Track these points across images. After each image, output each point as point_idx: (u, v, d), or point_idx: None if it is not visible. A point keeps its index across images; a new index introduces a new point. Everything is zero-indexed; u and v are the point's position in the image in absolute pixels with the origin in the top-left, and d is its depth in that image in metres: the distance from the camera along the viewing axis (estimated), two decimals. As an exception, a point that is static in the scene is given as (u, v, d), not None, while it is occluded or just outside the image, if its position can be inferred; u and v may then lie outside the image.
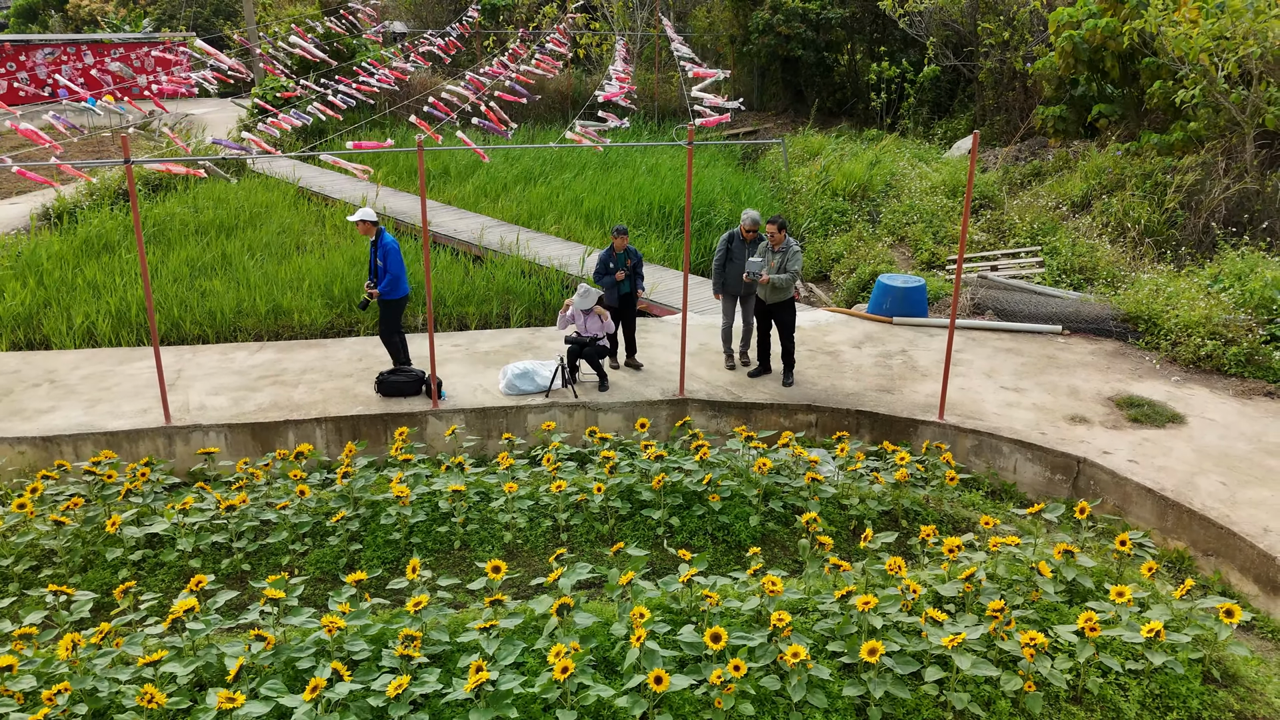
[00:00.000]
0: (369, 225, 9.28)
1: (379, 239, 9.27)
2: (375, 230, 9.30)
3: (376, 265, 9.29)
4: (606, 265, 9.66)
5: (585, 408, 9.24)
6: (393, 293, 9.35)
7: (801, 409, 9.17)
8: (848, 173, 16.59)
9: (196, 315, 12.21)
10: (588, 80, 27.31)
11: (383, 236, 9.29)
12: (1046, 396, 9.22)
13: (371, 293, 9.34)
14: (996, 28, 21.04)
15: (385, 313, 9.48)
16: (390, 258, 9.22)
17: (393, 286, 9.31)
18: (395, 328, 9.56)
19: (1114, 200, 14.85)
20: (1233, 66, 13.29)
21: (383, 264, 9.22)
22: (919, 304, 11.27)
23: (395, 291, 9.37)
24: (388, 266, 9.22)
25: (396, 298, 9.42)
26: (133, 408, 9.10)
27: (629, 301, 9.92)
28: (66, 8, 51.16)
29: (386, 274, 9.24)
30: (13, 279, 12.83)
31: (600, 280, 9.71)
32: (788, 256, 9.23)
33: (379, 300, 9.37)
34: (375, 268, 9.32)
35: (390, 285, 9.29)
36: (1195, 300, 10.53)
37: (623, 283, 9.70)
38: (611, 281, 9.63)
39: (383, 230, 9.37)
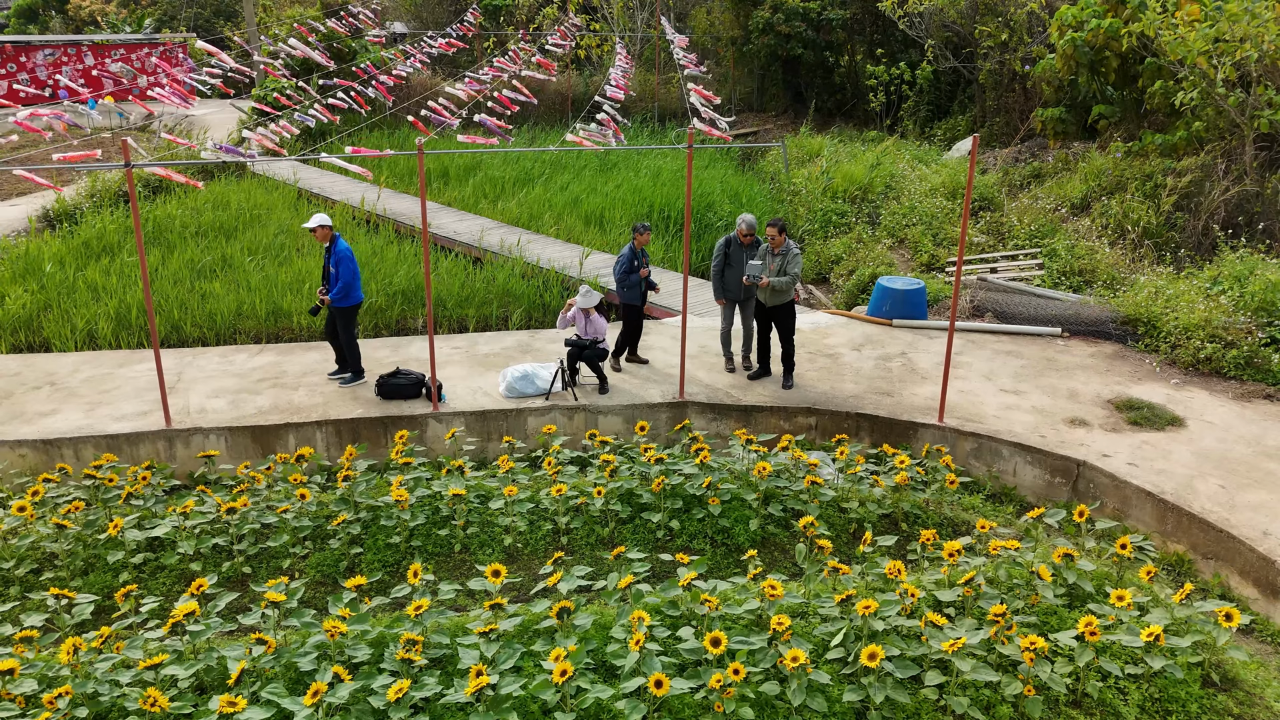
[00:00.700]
0: (325, 230, 9.20)
1: (333, 245, 9.22)
2: (330, 236, 9.24)
3: (330, 271, 9.24)
4: (631, 263, 9.62)
5: (585, 410, 9.25)
6: (345, 299, 9.30)
7: (801, 411, 9.18)
8: (847, 175, 16.60)
9: (197, 317, 12.23)
10: (588, 82, 27.31)
11: (337, 243, 9.25)
12: (1046, 399, 9.23)
13: (323, 299, 9.27)
14: (995, 29, 21.06)
15: (341, 319, 9.41)
16: (344, 264, 9.18)
17: (345, 293, 9.27)
18: (350, 333, 9.53)
19: (1113, 202, 14.87)
20: (1229, 70, 13.31)
21: (335, 270, 9.17)
22: (919, 306, 11.29)
23: (348, 299, 9.33)
24: (340, 273, 9.18)
25: (349, 304, 9.38)
26: (133, 410, 9.11)
27: (644, 299, 9.94)
28: (67, 8, 51.17)
29: (339, 281, 9.20)
30: (13, 282, 12.84)
31: (628, 279, 9.65)
32: (787, 259, 9.24)
33: (331, 306, 9.32)
34: (329, 273, 9.26)
35: (343, 292, 9.25)
36: (1194, 303, 10.54)
37: (644, 280, 9.70)
38: (637, 279, 9.60)
39: (337, 236, 9.31)
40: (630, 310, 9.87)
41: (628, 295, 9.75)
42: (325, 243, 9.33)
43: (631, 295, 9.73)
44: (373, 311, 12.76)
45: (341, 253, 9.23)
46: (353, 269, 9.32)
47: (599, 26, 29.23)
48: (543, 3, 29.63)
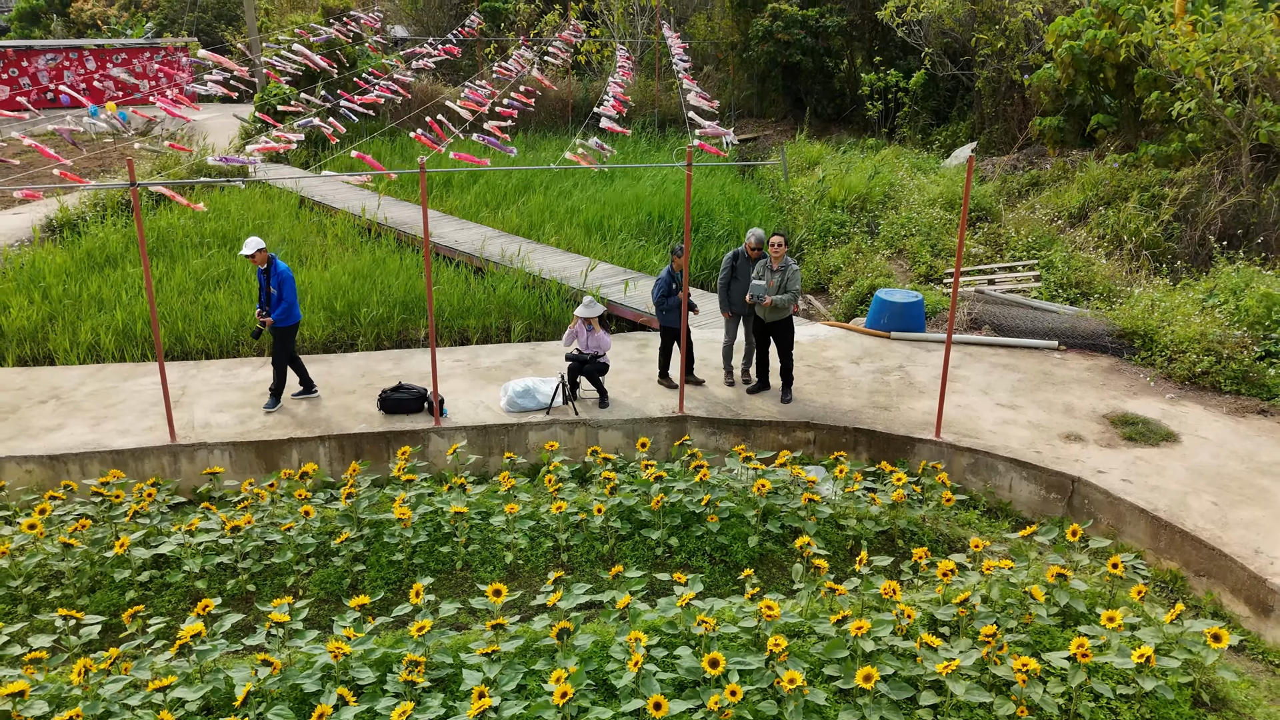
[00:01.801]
0: (263, 254, 9.22)
1: (272, 266, 9.26)
2: (268, 258, 9.28)
3: (270, 293, 9.25)
4: (669, 286, 9.58)
5: (586, 425, 9.34)
6: (286, 320, 9.36)
7: (800, 426, 9.27)
8: (846, 184, 16.69)
9: (200, 329, 12.31)
10: (588, 88, 27.40)
11: (276, 264, 9.29)
12: (1042, 414, 9.32)
13: (265, 321, 9.30)
14: (991, 37, 21.14)
15: (279, 339, 9.45)
16: (285, 286, 9.25)
17: (286, 314, 9.33)
18: (290, 353, 9.58)
19: (1111, 212, 14.95)
20: (1228, 80, 13.40)
21: (277, 292, 9.22)
22: (917, 319, 11.37)
23: (289, 319, 9.38)
24: (283, 294, 9.24)
25: (290, 324, 9.44)
26: (139, 425, 9.20)
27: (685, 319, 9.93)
28: (69, 11, 51.29)
29: (282, 302, 9.25)
30: (17, 293, 12.92)
31: (666, 301, 9.62)
32: (787, 276, 9.33)
33: (273, 328, 9.35)
34: (269, 295, 9.27)
35: (284, 313, 9.30)
36: (1190, 316, 10.63)
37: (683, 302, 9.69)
38: (676, 302, 9.56)
39: (274, 257, 9.34)
40: (668, 333, 9.85)
41: (666, 318, 9.71)
42: (262, 265, 9.28)
43: (670, 318, 9.68)
44: (375, 322, 12.84)
45: (283, 274, 9.28)
46: (294, 289, 9.40)
47: (599, 32, 29.31)
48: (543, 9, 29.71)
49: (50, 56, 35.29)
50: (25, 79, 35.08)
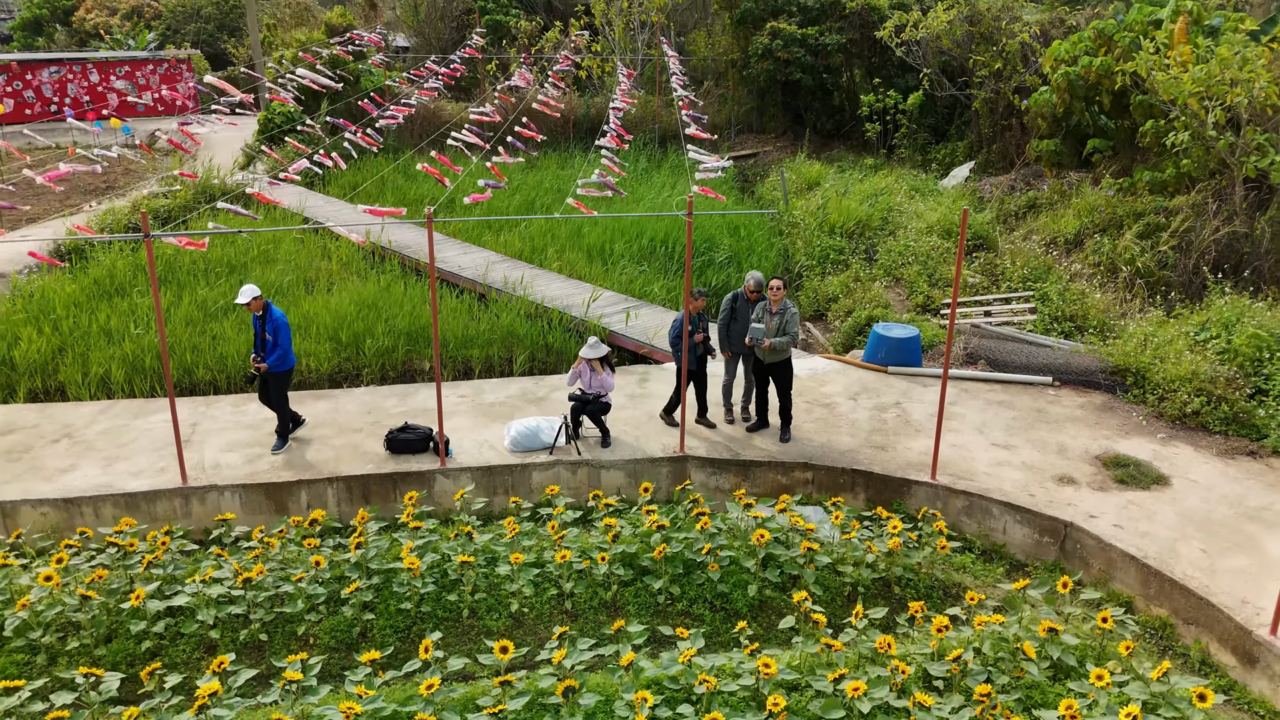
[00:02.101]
0: (258, 301, 9.33)
1: (268, 313, 9.40)
2: (263, 304, 9.41)
3: (265, 339, 9.38)
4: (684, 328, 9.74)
5: (589, 465, 9.52)
6: (281, 365, 9.50)
7: (799, 466, 9.45)
8: (845, 210, 16.87)
9: (208, 360, 12.50)
10: (589, 104, 27.57)
11: (271, 311, 9.42)
12: (1036, 454, 9.50)
13: (260, 367, 9.41)
14: (989, 59, 21.33)
15: (276, 384, 9.58)
16: (280, 332, 9.41)
17: (282, 359, 9.47)
18: (285, 397, 9.71)
19: (1106, 239, 15.13)
20: (1220, 115, 13.58)
21: (273, 338, 9.36)
22: (913, 354, 11.56)
23: (284, 364, 9.52)
24: (278, 340, 9.39)
25: (285, 369, 9.58)
26: (150, 466, 9.39)
27: (703, 362, 10.07)
28: (72, 20, 51.50)
29: (277, 348, 9.39)
30: (28, 324, 13.11)
31: (677, 347, 9.75)
32: (785, 318, 9.51)
33: (268, 373, 9.47)
34: (264, 341, 9.39)
35: (280, 358, 9.45)
36: (1182, 353, 10.81)
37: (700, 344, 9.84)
38: (692, 344, 9.74)
39: (269, 304, 9.46)
40: (691, 373, 9.98)
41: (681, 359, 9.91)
42: (258, 312, 9.40)
43: (689, 359, 9.82)
44: (380, 353, 13.02)
45: (278, 320, 9.44)
46: (289, 335, 9.56)
47: (600, 47, 29.48)
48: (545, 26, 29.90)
49: (54, 69, 35.49)
50: (29, 91, 35.28)
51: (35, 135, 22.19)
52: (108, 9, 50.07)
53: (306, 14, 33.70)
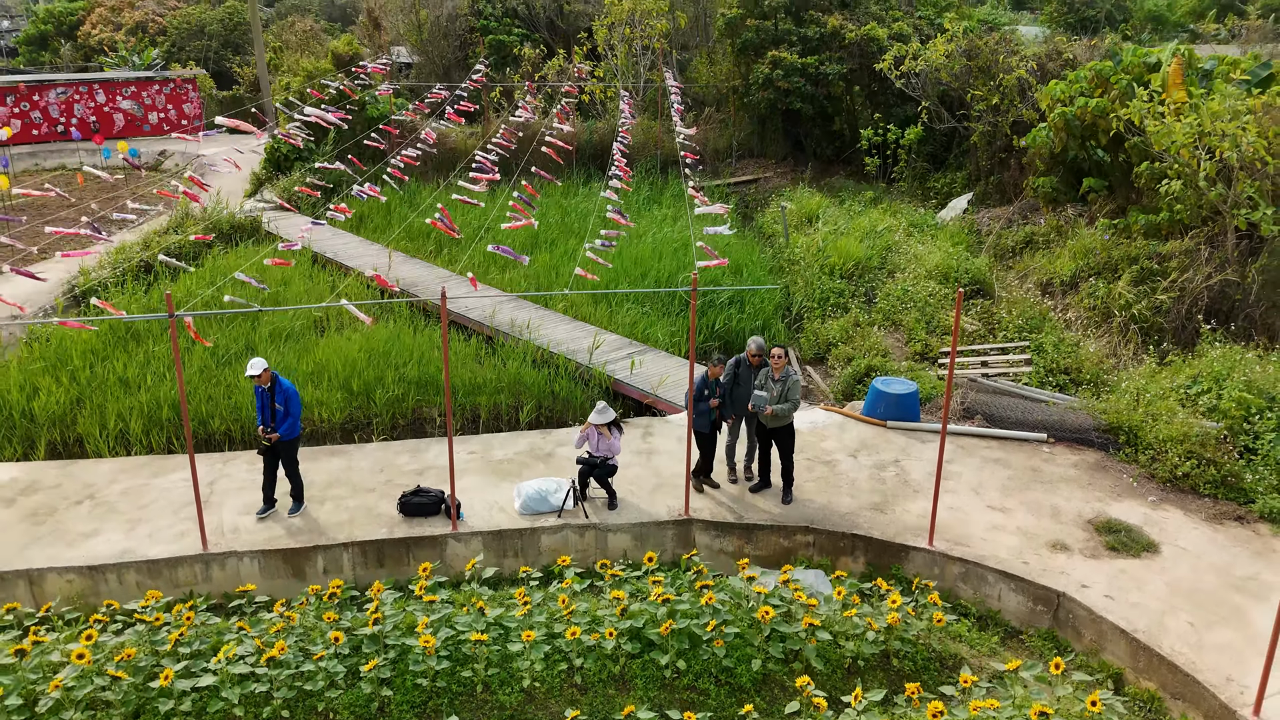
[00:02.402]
0: (266, 374, 9.54)
1: (276, 384, 9.62)
2: (271, 376, 9.62)
3: (275, 409, 9.60)
4: (701, 392, 10.00)
5: (596, 529, 9.81)
6: (292, 433, 9.76)
7: (800, 530, 9.74)
8: (844, 250, 17.16)
9: (223, 411, 12.80)
10: (592, 130, 27.85)
11: (279, 382, 9.65)
12: (1030, 518, 9.79)
13: (271, 437, 9.63)
14: (987, 93, 21.63)
15: (287, 451, 9.82)
16: (292, 401, 9.68)
17: (292, 427, 9.73)
18: (296, 464, 9.97)
19: (1101, 283, 15.41)
20: (1211, 168, 13.87)
21: (283, 408, 9.61)
22: (912, 409, 11.85)
23: (294, 431, 9.79)
24: (289, 410, 9.65)
25: (295, 437, 9.85)
26: (171, 530, 9.68)
27: (717, 426, 10.32)
28: (77, 35, 51.82)
29: (288, 418, 9.65)
30: (45, 374, 13.40)
31: (699, 407, 10.00)
32: (788, 386, 9.80)
33: (279, 442, 9.70)
34: (273, 412, 9.60)
35: (290, 427, 9.71)
36: (1174, 412, 11.10)
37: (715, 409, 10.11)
38: (707, 408, 10.02)
39: (277, 375, 9.69)
40: (700, 436, 10.26)
41: (698, 422, 10.11)
42: (266, 385, 9.61)
43: (701, 423, 10.11)
44: (389, 402, 13.32)
45: (288, 390, 9.69)
46: (299, 403, 9.84)
47: (601, 73, 29.77)
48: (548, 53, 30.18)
49: (61, 90, 35.79)
50: (36, 112, 35.58)
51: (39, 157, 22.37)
52: (112, 24, 50.39)
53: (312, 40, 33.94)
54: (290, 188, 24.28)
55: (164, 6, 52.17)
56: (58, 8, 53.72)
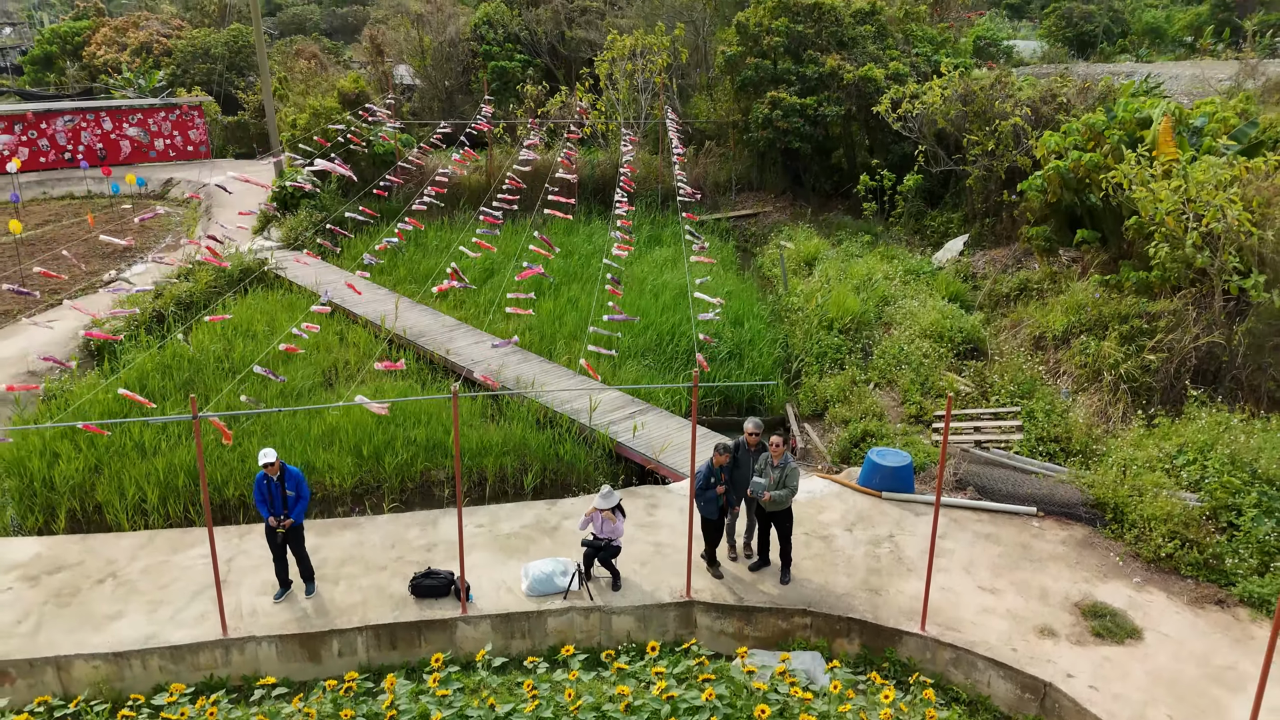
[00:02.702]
0: (275, 465, 9.88)
1: (285, 473, 10.01)
2: (280, 466, 9.97)
3: (286, 496, 9.99)
4: (708, 480, 10.32)
5: (600, 611, 10.18)
6: (301, 516, 10.18)
7: (798, 612, 10.11)
8: (841, 303, 17.53)
9: (238, 477, 13.18)
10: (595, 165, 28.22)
11: (287, 470, 10.05)
12: (1019, 600, 10.16)
13: (286, 523, 10.01)
14: (982, 138, 22.01)
15: (296, 535, 10.19)
16: (302, 484, 10.13)
17: (302, 509, 10.16)
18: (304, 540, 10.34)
19: (1092, 340, 15.77)
20: (1196, 237, 14.23)
21: (295, 493, 10.03)
22: (906, 481, 12.22)
23: (303, 514, 10.23)
24: (300, 493, 10.09)
25: (303, 519, 10.29)
26: (191, 612, 10.05)
27: (724, 513, 10.63)
28: (82, 54, 52.25)
29: (300, 500, 10.08)
30: (63, 439, 13.78)
31: (705, 494, 10.34)
32: (786, 473, 10.17)
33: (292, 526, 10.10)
34: (284, 499, 9.98)
35: (302, 510, 10.13)
36: (1159, 486, 11.47)
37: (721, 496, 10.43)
38: (714, 495, 10.35)
39: (283, 463, 10.04)
40: (706, 522, 10.59)
41: (705, 509, 10.43)
42: (275, 475, 9.97)
43: (708, 509, 10.44)
44: (398, 466, 13.70)
45: (297, 475, 10.13)
46: (307, 483, 10.28)
47: (603, 106, 30.14)
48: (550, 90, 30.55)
49: (68, 118, 36.20)
50: (44, 140, 35.99)
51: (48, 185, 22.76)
52: (117, 44, 50.80)
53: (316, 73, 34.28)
54: (297, 228, 24.69)
55: (169, 27, 52.61)
56: (63, 28, 54.18)
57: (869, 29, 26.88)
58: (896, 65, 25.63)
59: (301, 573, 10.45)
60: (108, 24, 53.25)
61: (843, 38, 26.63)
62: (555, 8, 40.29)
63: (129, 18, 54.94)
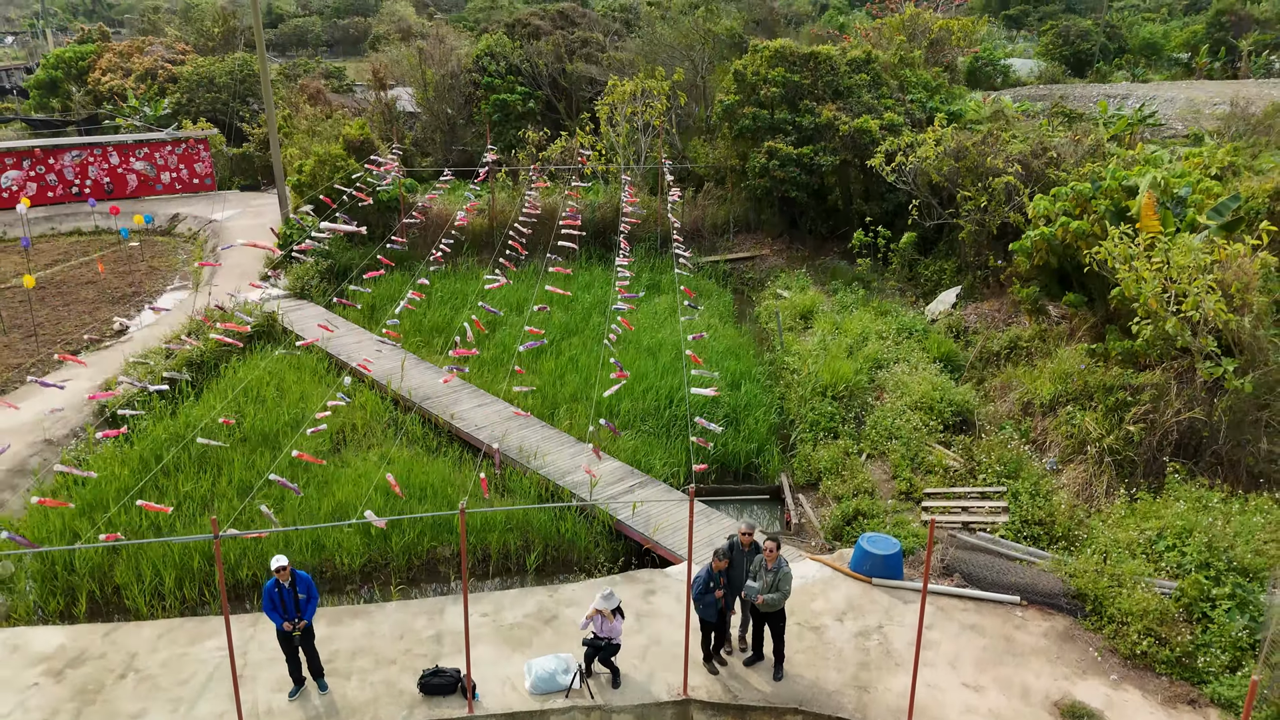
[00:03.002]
0: (286, 570, 10.32)
1: (296, 578, 10.44)
2: (290, 573, 10.39)
3: (298, 599, 10.43)
4: (706, 585, 10.78)
5: (600, 709, 10.67)
6: (312, 613, 10.63)
7: (790, 711, 10.60)
8: (835, 370, 18.02)
9: (250, 557, 13.67)
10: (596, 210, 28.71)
11: (298, 575, 10.49)
12: (1002, 698, 10.65)
13: (301, 626, 10.47)
14: (975, 194, 22.50)
15: (308, 635, 10.65)
16: (312, 586, 10.61)
17: (313, 609, 10.60)
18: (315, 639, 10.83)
19: (1077, 411, 16.26)
20: (1176, 324, 14.69)
21: (305, 596, 10.49)
22: (895, 569, 12.71)
23: (314, 612, 10.67)
24: (310, 594, 10.56)
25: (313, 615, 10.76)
26: (210, 710, 10.55)
27: (723, 615, 11.08)
28: (87, 80, 52.77)
29: (310, 600, 10.55)
30: (82, 515, 14.26)
31: (704, 598, 10.80)
32: (779, 577, 10.65)
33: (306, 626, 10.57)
34: (296, 602, 10.41)
35: (312, 608, 10.59)
36: (1138, 574, 11.96)
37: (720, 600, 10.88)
38: (713, 600, 10.81)
39: (294, 569, 10.48)
40: (705, 624, 11.05)
41: (704, 612, 10.89)
42: (288, 582, 10.40)
43: (708, 613, 10.90)
44: (404, 545, 14.19)
45: (308, 580, 10.60)
46: (316, 587, 10.74)
47: (602, 147, 30.62)
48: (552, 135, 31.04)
49: (76, 153, 36.69)
50: (52, 175, 36.48)
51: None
52: (122, 70, 51.31)
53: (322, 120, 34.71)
54: (304, 276, 25.19)
55: (173, 52, 53.14)
56: (67, 52, 54.71)
57: (864, 77, 27.38)
58: (891, 116, 26.12)
59: (312, 670, 10.93)
60: (112, 49, 53.75)
61: (838, 87, 27.13)
62: (556, 41, 40.83)
63: (133, 42, 55.51)
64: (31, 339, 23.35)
